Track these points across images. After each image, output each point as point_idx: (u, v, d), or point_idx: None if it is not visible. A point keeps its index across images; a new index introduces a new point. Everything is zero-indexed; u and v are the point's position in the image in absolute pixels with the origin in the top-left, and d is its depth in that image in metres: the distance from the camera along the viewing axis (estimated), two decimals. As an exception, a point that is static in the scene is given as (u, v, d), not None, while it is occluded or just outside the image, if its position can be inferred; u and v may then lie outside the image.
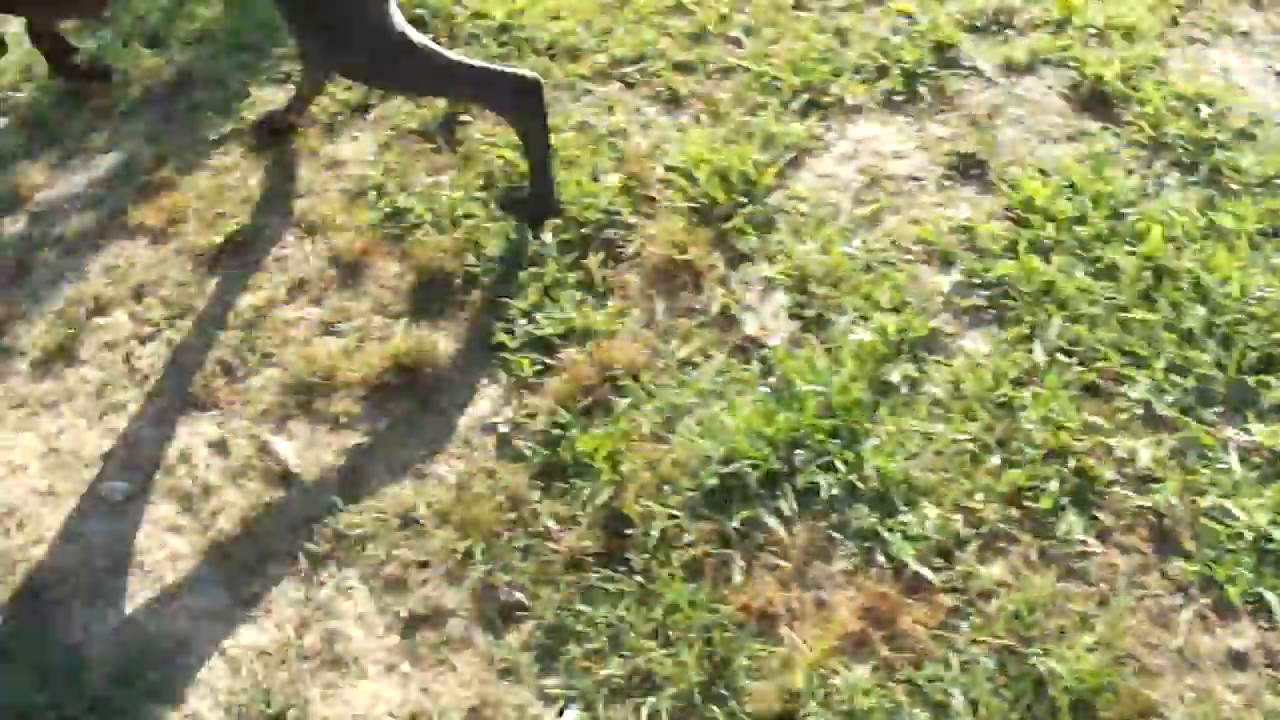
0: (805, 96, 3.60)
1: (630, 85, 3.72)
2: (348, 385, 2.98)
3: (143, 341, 3.27)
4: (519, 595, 2.53)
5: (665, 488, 2.64)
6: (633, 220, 3.24)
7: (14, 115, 4.25)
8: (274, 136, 3.73)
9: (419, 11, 4.07)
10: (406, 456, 2.83)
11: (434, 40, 3.23)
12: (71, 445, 3.07)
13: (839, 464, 2.62)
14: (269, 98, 3.96)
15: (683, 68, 3.76)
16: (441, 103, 3.69)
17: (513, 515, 2.66)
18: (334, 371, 3.00)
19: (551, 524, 2.63)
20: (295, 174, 3.62)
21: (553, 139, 3.26)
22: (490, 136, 3.54)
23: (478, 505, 2.67)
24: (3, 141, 4.18)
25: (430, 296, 3.15)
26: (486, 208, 3.32)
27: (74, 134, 4.12)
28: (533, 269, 3.12)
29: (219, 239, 3.46)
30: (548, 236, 3.17)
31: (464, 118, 3.64)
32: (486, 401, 2.91)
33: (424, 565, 2.62)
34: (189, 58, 4.28)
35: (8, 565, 2.82)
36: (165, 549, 2.78)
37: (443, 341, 3.03)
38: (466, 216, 3.30)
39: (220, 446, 2.95)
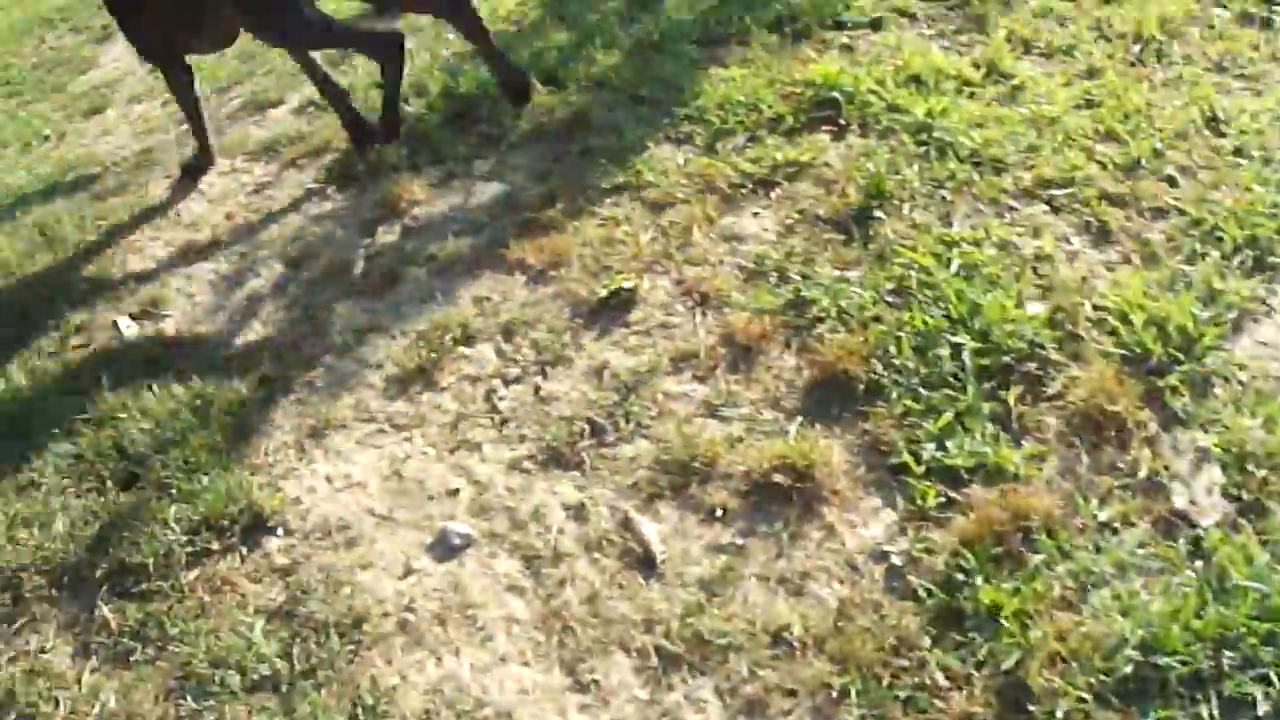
0: (1250, 253, 3.17)
1: (1056, 209, 3.37)
2: (728, 476, 2.69)
3: (507, 382, 3.08)
4: (897, 756, 2.19)
5: (1074, 664, 2.26)
6: (1057, 357, 2.87)
7: (404, 127, 4.18)
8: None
9: (833, 94, 3.83)
10: (784, 568, 2.51)
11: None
12: (417, 473, 2.90)
13: (1275, 677, 2.21)
14: (666, 155, 3.77)
15: (1113, 200, 3.38)
16: (853, 191, 3.43)
17: (898, 659, 2.31)
18: (715, 458, 2.72)
19: (941, 679, 2.26)
20: (690, 239, 3.40)
21: (973, 252, 3.03)
22: (907, 238, 3.24)
23: (859, 639, 2.33)
24: (386, 151, 4.12)
25: (828, 398, 2.85)
26: (898, 313, 3.01)
27: (458, 156, 4.04)
28: (946, 390, 2.78)
29: (603, 291, 3.26)
30: (967, 359, 2.84)
31: (878, 213, 3.36)
32: (880, 526, 2.57)
33: (791, 693, 2.29)
34: (585, 102, 4.16)
35: (331, 584, 2.65)
36: (502, 608, 2.54)
37: (838, 450, 2.71)
38: (875, 319, 2.99)
39: (579, 512, 2.70)
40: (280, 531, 2.85)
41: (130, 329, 3.68)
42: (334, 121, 4.46)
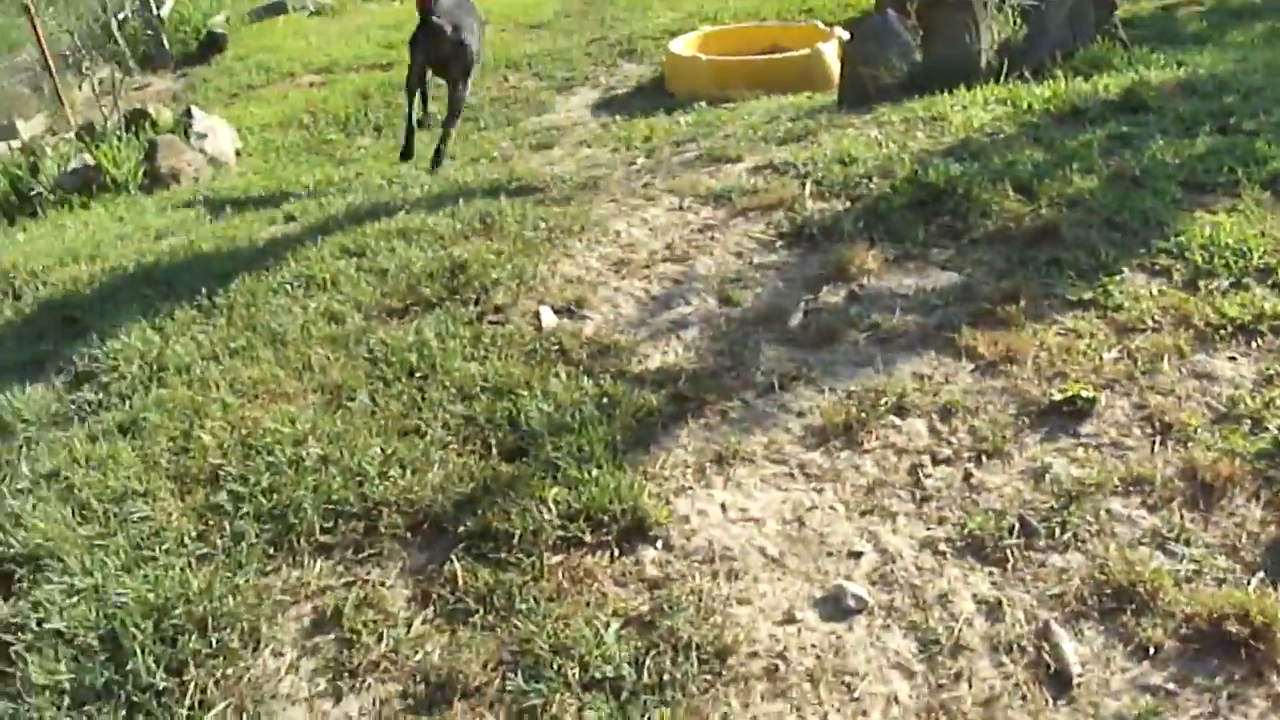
0: None
1: None
2: (1169, 614, 2.40)
3: (936, 461, 2.89)
4: None
5: None
6: None
7: (863, 202, 4.08)
8: None
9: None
10: (1226, 725, 2.20)
11: None
12: (819, 526, 2.75)
13: None
14: (1140, 283, 3.51)
15: None
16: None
17: None
18: (1156, 590, 2.43)
19: None
20: (1157, 367, 3.13)
21: None
22: None
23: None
24: (841, 219, 4.03)
25: (1296, 560, 2.51)
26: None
27: (916, 240, 3.92)
28: None
29: (1056, 396, 3.03)
30: None
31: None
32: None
33: None
34: (1056, 217, 3.95)
35: (703, 608, 2.54)
36: (884, 684, 2.35)
37: (1301, 619, 2.37)
38: (1365, 489, 2.64)
39: (992, 609, 2.47)
40: (659, 544, 2.76)
41: (550, 320, 3.69)
42: (790, 183, 4.43)
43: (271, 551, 2.89)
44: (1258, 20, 10.08)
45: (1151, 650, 2.33)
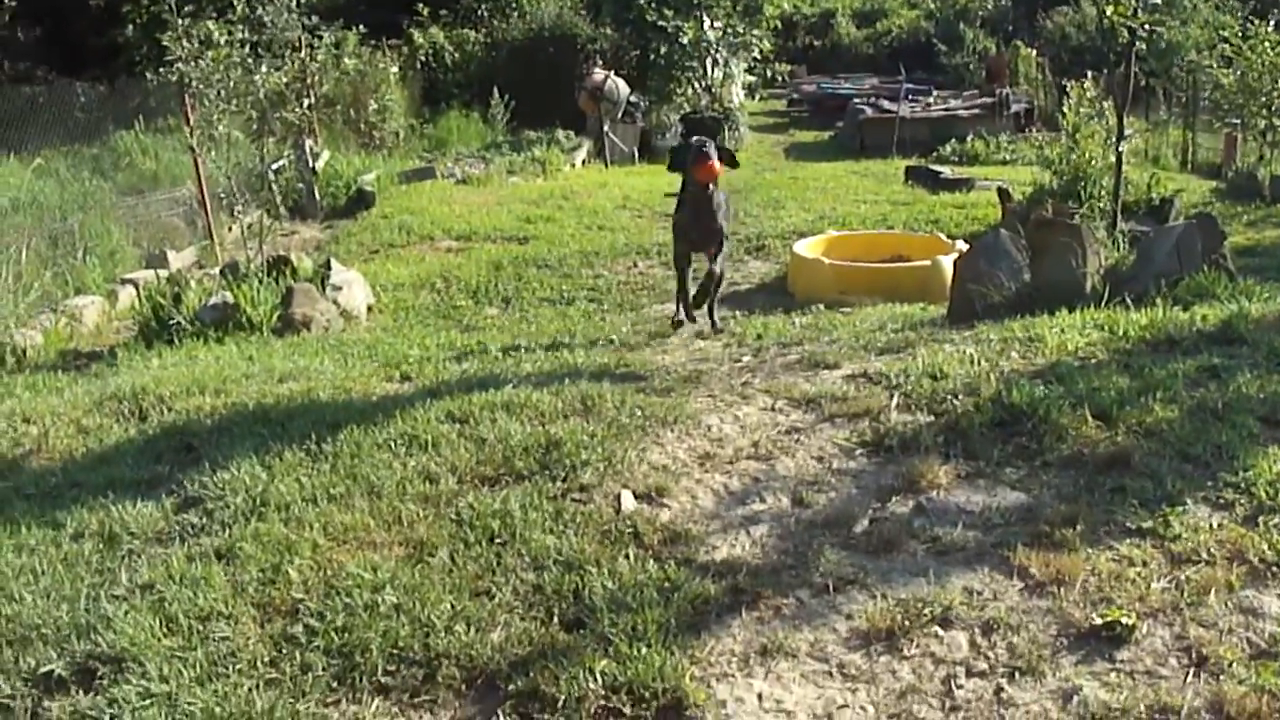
0: None
1: None
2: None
3: (970, 674, 2.99)
4: None
5: None
6: None
7: (945, 418, 4.24)
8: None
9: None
10: None
11: None
12: (849, 725, 2.84)
13: None
14: (1201, 515, 3.60)
15: None
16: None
17: None
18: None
19: None
20: (1204, 599, 3.20)
21: None
22: None
23: None
24: (922, 432, 4.19)
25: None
26: None
27: (990, 458, 4.06)
28: None
29: (1098, 620, 3.12)
30: None
31: None
32: None
33: None
34: (1131, 444, 4.06)
35: None
36: None
37: None
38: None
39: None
40: (696, 725, 2.88)
41: (630, 504, 3.89)
42: (879, 393, 4.61)
43: (335, 685, 3.11)
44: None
45: None
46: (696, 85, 21.15)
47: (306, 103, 11.91)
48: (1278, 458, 3.94)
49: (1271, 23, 14.52)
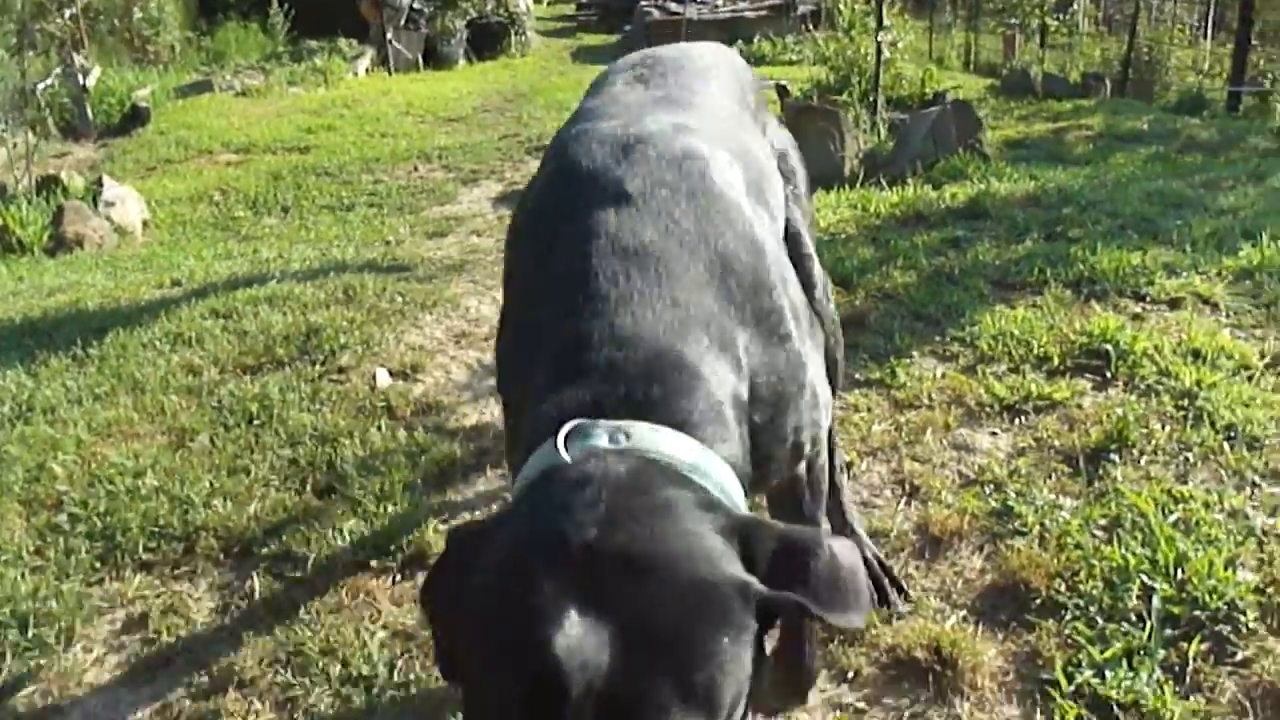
0: None
1: (1300, 499, 3.27)
2: (873, 645, 2.69)
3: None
4: None
5: None
6: (1255, 627, 2.75)
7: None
8: None
9: (1106, 347, 3.84)
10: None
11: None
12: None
13: None
14: (927, 367, 3.87)
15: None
16: (1095, 432, 3.43)
17: None
18: (868, 628, 2.73)
19: None
20: (920, 439, 3.47)
21: (1198, 511, 3.00)
22: (1135, 484, 3.20)
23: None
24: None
25: (1001, 604, 2.82)
26: (1099, 544, 2.96)
27: None
28: (1124, 626, 2.72)
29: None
30: (1156, 603, 2.77)
31: (1113, 456, 3.33)
32: (1008, 731, 2.53)
33: None
34: (868, 307, 4.36)
35: None
36: None
37: (993, 652, 2.68)
38: (1076, 546, 2.96)
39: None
40: (434, 569, 3.05)
41: (385, 380, 4.00)
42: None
43: (98, 565, 3.18)
44: (1142, 145, 10.63)
45: (850, 675, 2.63)
46: (481, -10, 20.96)
47: (69, 13, 11.52)
48: (1003, 315, 4.24)
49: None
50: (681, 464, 1.50)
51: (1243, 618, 2.75)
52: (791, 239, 2.44)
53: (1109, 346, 3.89)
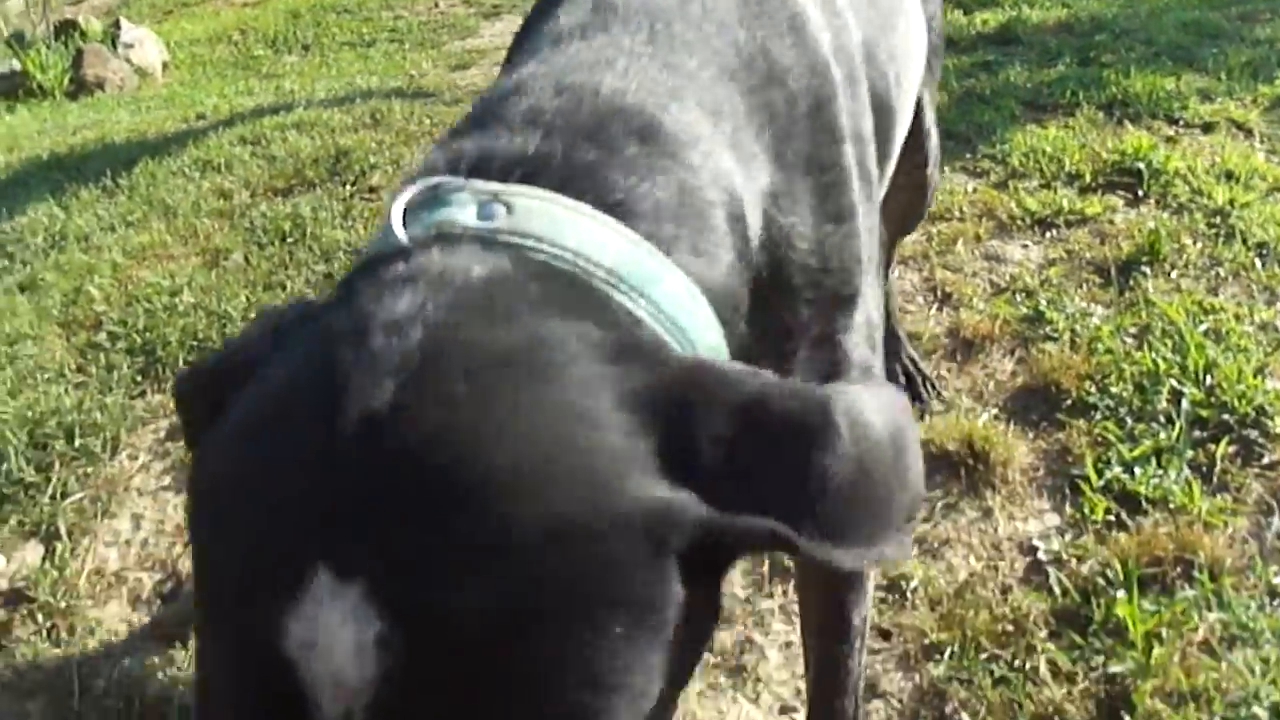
0: None
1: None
2: (910, 441, 2.74)
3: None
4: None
5: (1191, 702, 2.21)
6: (1280, 432, 2.80)
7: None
8: None
9: (1139, 165, 3.83)
10: (927, 530, 2.54)
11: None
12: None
13: None
14: (958, 183, 3.86)
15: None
16: (1126, 245, 3.43)
17: (1006, 638, 2.29)
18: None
19: (1044, 667, 2.24)
20: (952, 249, 3.48)
21: (1228, 321, 3.02)
22: (1166, 295, 3.22)
23: (975, 609, 2.33)
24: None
25: (1033, 404, 2.86)
26: (1130, 349, 2.99)
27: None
28: (1153, 426, 2.76)
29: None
30: (1185, 405, 2.80)
31: (1144, 268, 3.34)
32: (1038, 524, 2.56)
33: (884, 634, 2.32)
34: (898, 124, 4.26)
35: None
36: None
37: (1023, 449, 2.73)
38: (1107, 350, 2.98)
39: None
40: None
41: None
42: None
43: (139, 379, 3.23)
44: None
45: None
46: None
47: None
48: (1035, 134, 4.22)
49: None
50: (590, 266, 0.88)
51: (1270, 423, 2.78)
52: (917, 113, 2.21)
53: (1141, 165, 3.87)
